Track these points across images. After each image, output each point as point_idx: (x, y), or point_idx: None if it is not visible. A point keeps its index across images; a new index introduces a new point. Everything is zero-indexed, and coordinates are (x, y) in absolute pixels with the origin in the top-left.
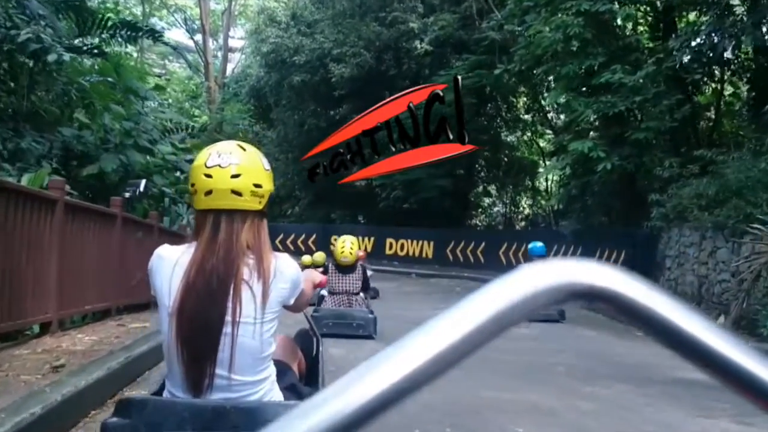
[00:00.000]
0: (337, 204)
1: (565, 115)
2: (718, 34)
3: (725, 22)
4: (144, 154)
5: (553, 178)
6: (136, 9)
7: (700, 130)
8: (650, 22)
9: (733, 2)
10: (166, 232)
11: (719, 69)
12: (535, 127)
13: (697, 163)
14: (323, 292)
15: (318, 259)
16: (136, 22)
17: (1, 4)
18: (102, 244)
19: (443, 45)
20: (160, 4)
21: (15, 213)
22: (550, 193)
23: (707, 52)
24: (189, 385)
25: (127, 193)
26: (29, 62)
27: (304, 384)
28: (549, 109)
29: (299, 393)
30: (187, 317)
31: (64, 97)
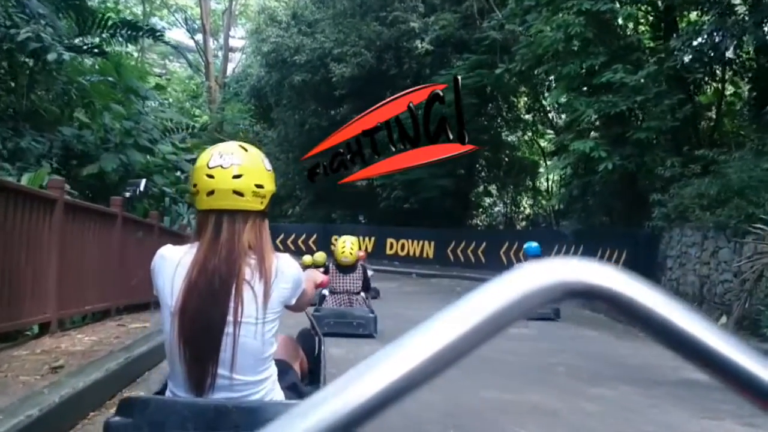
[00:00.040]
0: (337, 204)
1: (566, 115)
2: (720, 34)
3: (727, 21)
4: (144, 154)
5: (554, 178)
6: (136, 8)
7: (702, 130)
8: (651, 21)
9: (735, 2)
10: (166, 232)
11: (721, 68)
12: (536, 127)
13: (699, 163)
14: (324, 292)
15: (318, 259)
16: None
17: (1, 3)
18: (102, 243)
19: (444, 44)
20: (161, 4)
21: (14, 212)
22: (551, 193)
23: (709, 51)
24: (191, 384)
25: (127, 193)
26: (29, 61)
27: (306, 383)
28: (550, 109)
29: (301, 392)
30: (189, 317)
31: (64, 97)
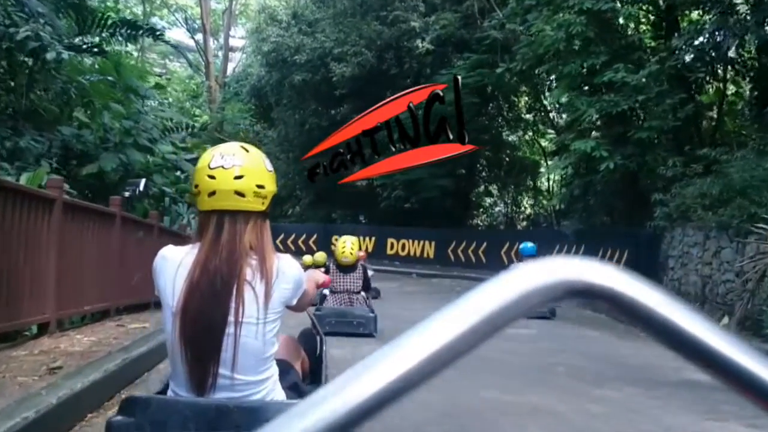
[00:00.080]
0: (338, 204)
1: (567, 115)
2: (721, 33)
3: (728, 20)
4: (144, 153)
5: (555, 178)
6: (136, 8)
7: (703, 130)
8: (653, 20)
9: (736, 1)
10: (166, 232)
11: (722, 68)
12: (537, 127)
13: (701, 163)
14: (325, 291)
15: (319, 259)
16: (137, 21)
17: (0, 2)
18: (101, 243)
19: (445, 44)
20: (161, 4)
21: (13, 212)
22: (552, 193)
23: (710, 51)
24: (192, 384)
25: (126, 193)
26: (28, 60)
27: (307, 383)
28: (551, 109)
29: (302, 392)
30: (190, 317)
31: (64, 96)
